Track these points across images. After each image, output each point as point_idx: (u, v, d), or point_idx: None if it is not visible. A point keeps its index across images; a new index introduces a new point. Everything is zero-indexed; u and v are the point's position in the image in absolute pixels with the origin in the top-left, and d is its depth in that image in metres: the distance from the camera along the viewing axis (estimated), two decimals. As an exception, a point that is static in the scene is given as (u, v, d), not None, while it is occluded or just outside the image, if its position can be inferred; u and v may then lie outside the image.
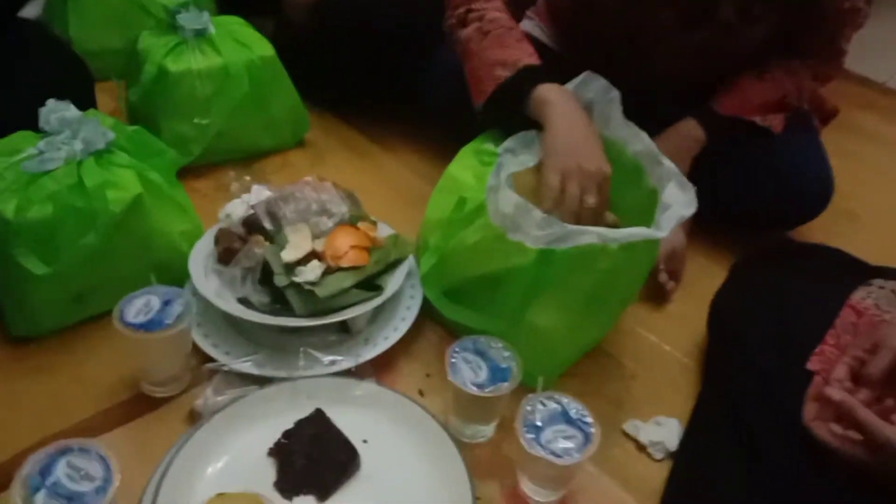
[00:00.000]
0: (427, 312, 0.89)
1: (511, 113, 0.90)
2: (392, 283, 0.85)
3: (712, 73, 1.03)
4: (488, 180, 0.82)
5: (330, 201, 0.90)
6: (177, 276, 0.84)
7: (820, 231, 1.14)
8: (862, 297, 0.78)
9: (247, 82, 1.12)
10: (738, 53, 0.99)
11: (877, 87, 1.73)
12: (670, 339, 0.95)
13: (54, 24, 1.28)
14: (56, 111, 0.82)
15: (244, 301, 0.81)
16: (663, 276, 1.00)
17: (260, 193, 0.91)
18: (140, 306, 0.74)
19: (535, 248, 0.78)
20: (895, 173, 1.43)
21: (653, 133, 0.91)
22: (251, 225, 0.86)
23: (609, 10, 0.98)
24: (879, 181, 1.39)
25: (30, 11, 1.33)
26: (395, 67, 1.20)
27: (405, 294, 0.90)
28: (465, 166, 0.92)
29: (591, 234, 0.76)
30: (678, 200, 0.82)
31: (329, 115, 1.35)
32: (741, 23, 0.94)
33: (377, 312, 0.87)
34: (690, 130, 1.01)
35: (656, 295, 1.01)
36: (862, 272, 0.81)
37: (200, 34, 1.10)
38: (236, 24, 1.16)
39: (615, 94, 0.90)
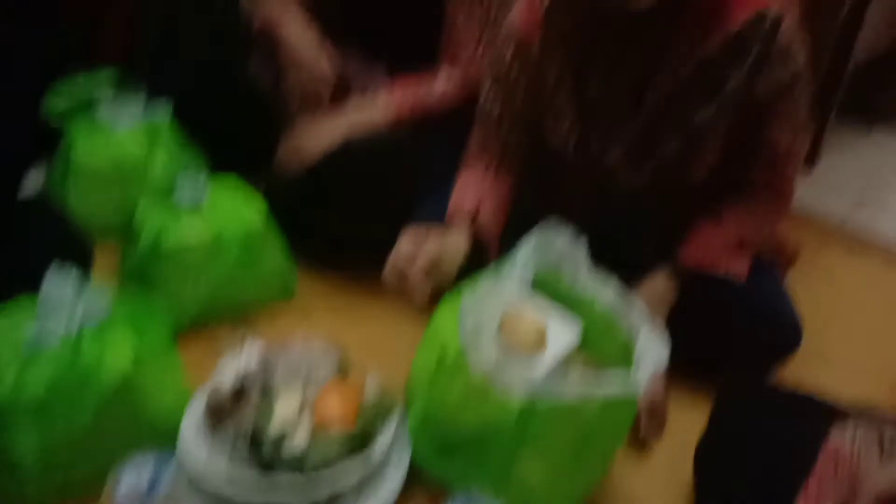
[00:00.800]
0: (418, 466, 0.89)
1: None
2: (380, 443, 0.86)
3: (669, 204, 1.10)
4: (460, 331, 0.85)
5: (318, 362, 0.92)
6: (170, 441, 0.85)
7: (791, 374, 1.17)
8: (839, 440, 0.80)
9: (239, 248, 1.17)
10: (690, 184, 1.06)
11: (835, 226, 1.81)
12: (657, 488, 0.96)
13: (54, 194, 1.34)
14: (56, 285, 0.86)
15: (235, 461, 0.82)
16: (645, 431, 1.02)
17: (250, 354, 0.94)
18: (131, 485, 0.74)
19: (517, 403, 0.80)
20: (859, 312, 1.48)
21: (620, 273, 0.97)
22: (240, 390, 0.88)
23: (564, 147, 1.07)
24: (845, 321, 1.44)
25: (31, 184, 1.39)
26: (382, 228, 1.25)
27: (394, 453, 0.91)
28: (448, 314, 0.94)
29: (572, 388, 0.79)
30: (652, 353, 0.86)
31: (317, 271, 1.39)
32: (688, 156, 1.01)
33: (365, 471, 0.87)
34: (660, 285, 1.07)
35: (641, 444, 1.03)
36: (836, 414, 0.84)
37: (196, 201, 1.16)
38: (231, 188, 1.23)
39: (580, 244, 0.95)
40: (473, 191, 1.12)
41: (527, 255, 0.95)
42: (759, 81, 0.96)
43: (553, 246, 0.96)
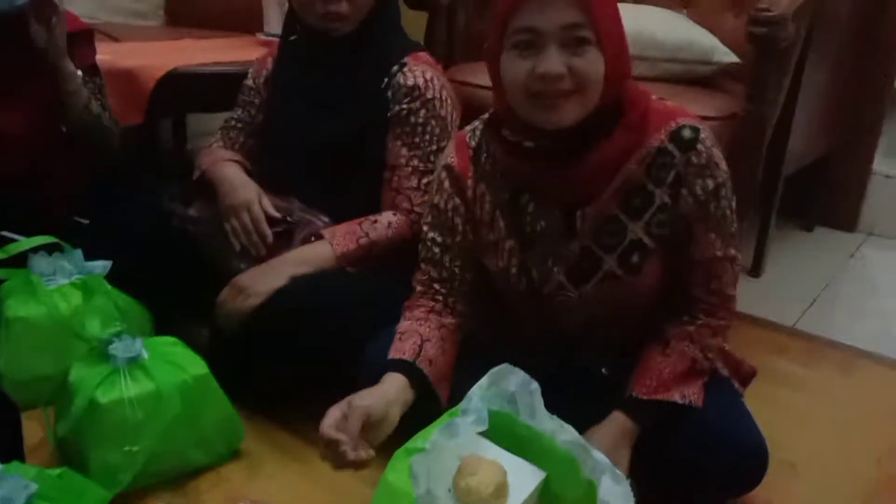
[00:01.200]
0: None
1: None
2: None
3: (617, 320, 1.10)
4: (413, 491, 0.80)
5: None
6: None
7: (762, 488, 1.14)
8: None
9: (179, 403, 1.12)
10: (635, 299, 1.07)
11: (786, 330, 1.83)
12: None
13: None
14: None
15: None
16: None
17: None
18: None
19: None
20: (821, 418, 1.47)
21: (580, 397, 0.96)
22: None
23: (506, 278, 1.07)
24: (808, 427, 1.43)
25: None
26: (330, 367, 1.21)
27: None
28: (400, 470, 0.89)
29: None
30: (615, 495, 0.83)
31: (263, 417, 1.33)
32: (626, 274, 1.02)
33: None
34: (620, 423, 1.04)
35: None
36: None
37: (133, 361, 1.12)
38: (169, 345, 1.19)
39: (535, 386, 0.92)
40: (417, 331, 1.09)
41: (479, 397, 0.92)
42: (685, 194, 0.99)
43: (507, 387, 0.93)
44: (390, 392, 0.99)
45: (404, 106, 1.31)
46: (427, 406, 1.03)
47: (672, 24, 1.89)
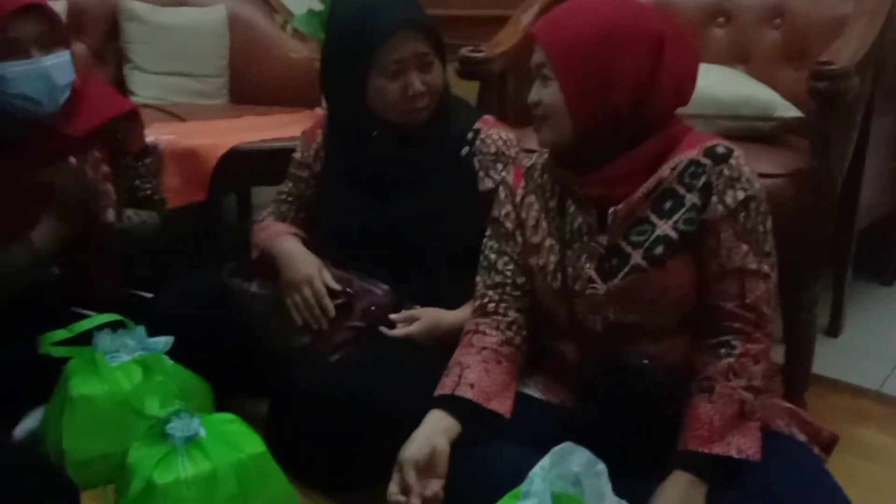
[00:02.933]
0: None
1: None
2: None
3: (645, 327, 1.09)
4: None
5: None
6: None
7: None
8: None
9: (235, 483, 1.11)
10: (662, 301, 1.06)
11: (870, 395, 1.72)
12: None
13: (48, 435, 1.30)
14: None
15: None
16: None
17: None
18: None
19: None
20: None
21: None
22: None
23: (546, 271, 1.13)
24: (891, 504, 1.32)
25: (27, 424, 1.36)
26: (390, 445, 1.19)
27: None
28: None
29: None
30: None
31: (319, 496, 1.31)
32: (651, 265, 1.05)
33: None
34: (685, 483, 0.98)
35: None
36: None
37: (191, 440, 1.12)
38: (227, 422, 1.19)
39: (601, 467, 0.89)
40: (457, 363, 1.12)
41: (542, 479, 0.88)
42: (714, 202, 1.04)
43: (570, 467, 0.90)
44: (427, 428, 1.05)
45: (502, 175, 1.31)
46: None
47: (729, 81, 1.86)
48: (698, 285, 1.07)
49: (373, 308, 1.31)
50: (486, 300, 1.19)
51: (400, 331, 1.28)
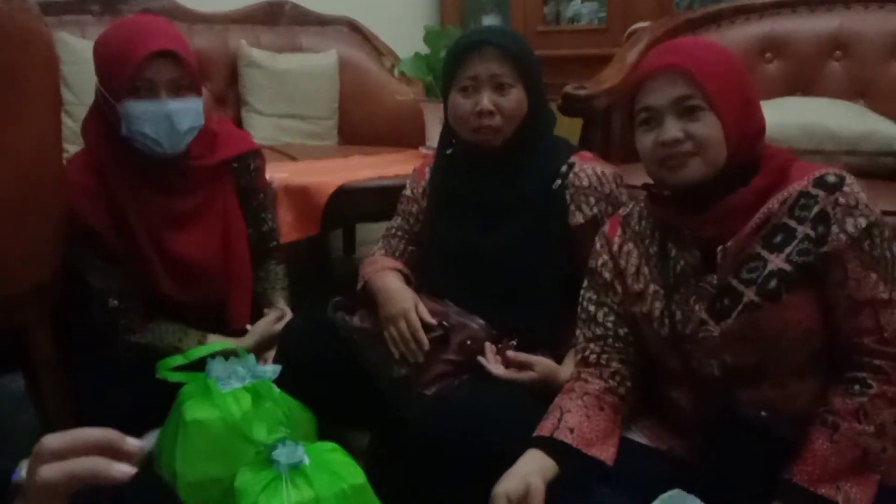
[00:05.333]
0: None
1: None
2: None
3: (766, 366, 1.03)
4: None
5: None
6: None
7: None
8: None
9: (338, 511, 1.12)
10: (781, 337, 1.01)
11: None
12: None
13: (163, 456, 1.36)
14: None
15: None
16: None
17: None
18: None
19: None
20: None
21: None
22: None
23: (652, 317, 1.11)
24: None
25: (146, 444, 1.42)
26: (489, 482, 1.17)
27: None
28: None
29: None
30: None
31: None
32: (766, 301, 1.00)
33: None
34: None
35: None
36: None
37: (295, 467, 1.14)
38: (330, 452, 1.20)
39: None
40: (558, 406, 1.11)
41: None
42: (836, 232, 0.99)
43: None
44: (523, 465, 1.04)
45: (593, 210, 1.32)
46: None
47: (849, 115, 1.78)
48: (827, 322, 1.02)
49: (469, 342, 1.31)
50: (587, 352, 1.17)
51: (509, 374, 1.27)
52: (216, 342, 1.44)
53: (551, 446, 1.06)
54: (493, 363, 1.28)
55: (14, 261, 1.22)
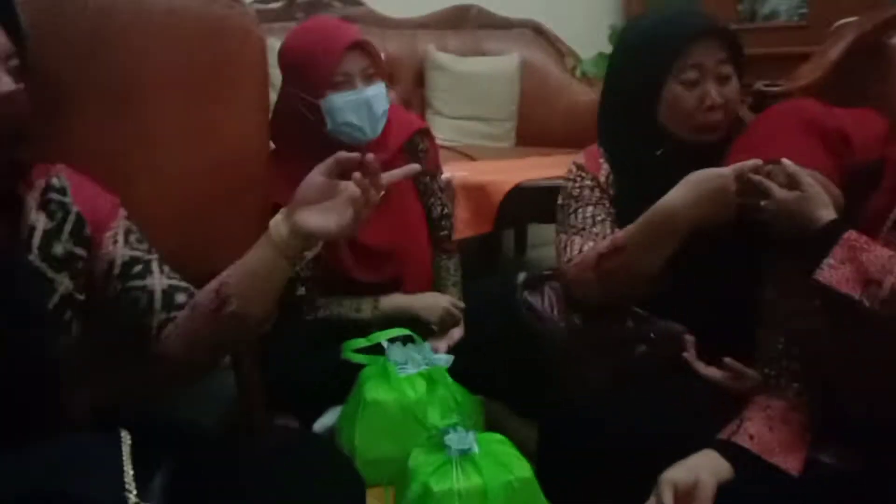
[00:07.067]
0: None
1: None
2: None
3: None
4: None
5: None
6: None
7: None
8: None
9: (504, 499, 1.15)
10: None
11: None
12: None
13: (343, 433, 1.45)
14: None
15: None
16: None
17: None
18: None
19: None
20: None
21: None
22: None
23: None
24: None
25: (325, 420, 1.53)
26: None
27: None
28: None
29: None
30: None
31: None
32: None
33: None
34: None
35: None
36: None
37: (465, 453, 1.18)
38: (498, 443, 1.24)
39: None
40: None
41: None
42: None
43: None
44: (696, 459, 1.00)
45: None
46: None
47: None
48: None
49: (666, 345, 1.24)
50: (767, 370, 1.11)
51: (724, 378, 1.20)
52: (396, 329, 1.51)
53: (728, 449, 1.01)
54: (700, 363, 1.22)
55: (225, 238, 1.34)
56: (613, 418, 1.18)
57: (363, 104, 1.46)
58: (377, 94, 1.48)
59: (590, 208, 1.31)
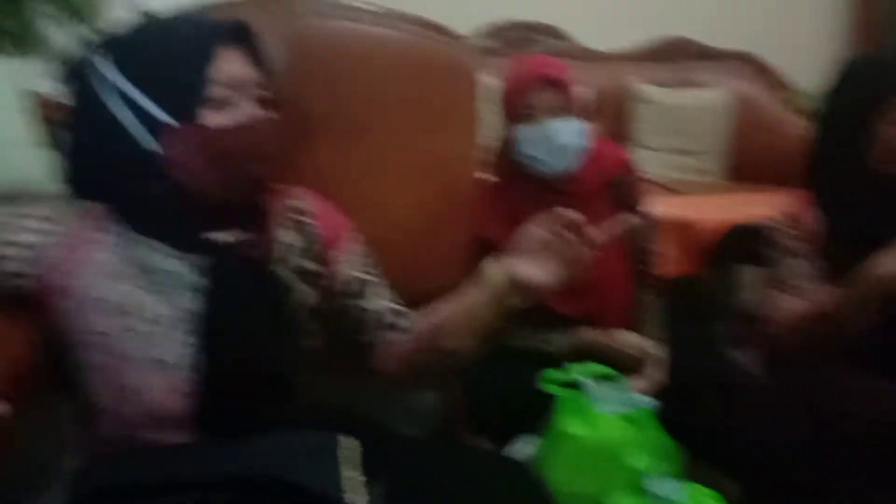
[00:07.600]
0: None
1: None
2: None
3: None
4: None
5: None
6: None
7: None
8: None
9: (708, 558, 1.07)
10: None
11: None
12: None
13: (542, 462, 1.43)
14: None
15: None
16: None
17: None
18: None
19: None
20: None
21: None
22: None
23: None
24: None
25: (521, 448, 1.53)
26: None
27: None
28: None
29: None
30: None
31: None
32: None
33: None
34: None
35: None
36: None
37: (670, 499, 1.12)
38: (707, 497, 1.16)
39: None
40: None
41: None
42: None
43: None
44: None
45: None
46: None
47: None
48: None
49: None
50: None
51: None
52: (595, 364, 1.48)
53: None
54: None
55: (434, 263, 1.40)
56: (821, 482, 1.09)
57: (545, 138, 1.48)
58: (562, 129, 1.48)
59: (798, 262, 1.27)
